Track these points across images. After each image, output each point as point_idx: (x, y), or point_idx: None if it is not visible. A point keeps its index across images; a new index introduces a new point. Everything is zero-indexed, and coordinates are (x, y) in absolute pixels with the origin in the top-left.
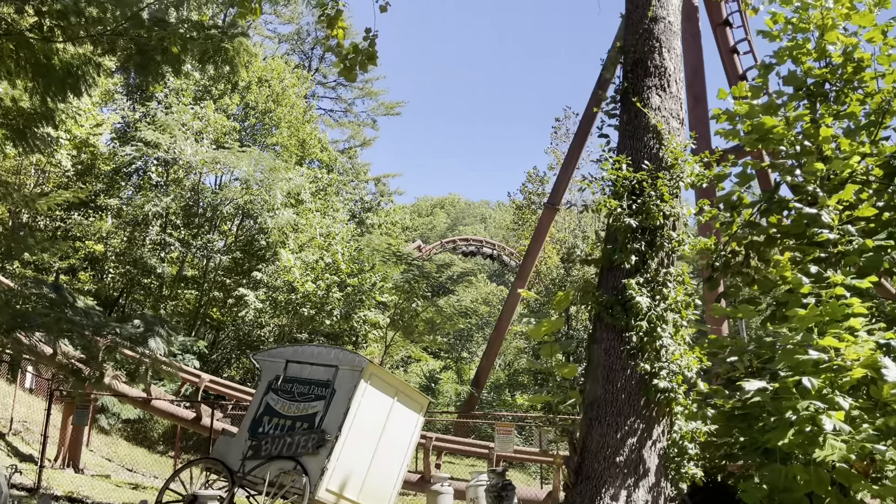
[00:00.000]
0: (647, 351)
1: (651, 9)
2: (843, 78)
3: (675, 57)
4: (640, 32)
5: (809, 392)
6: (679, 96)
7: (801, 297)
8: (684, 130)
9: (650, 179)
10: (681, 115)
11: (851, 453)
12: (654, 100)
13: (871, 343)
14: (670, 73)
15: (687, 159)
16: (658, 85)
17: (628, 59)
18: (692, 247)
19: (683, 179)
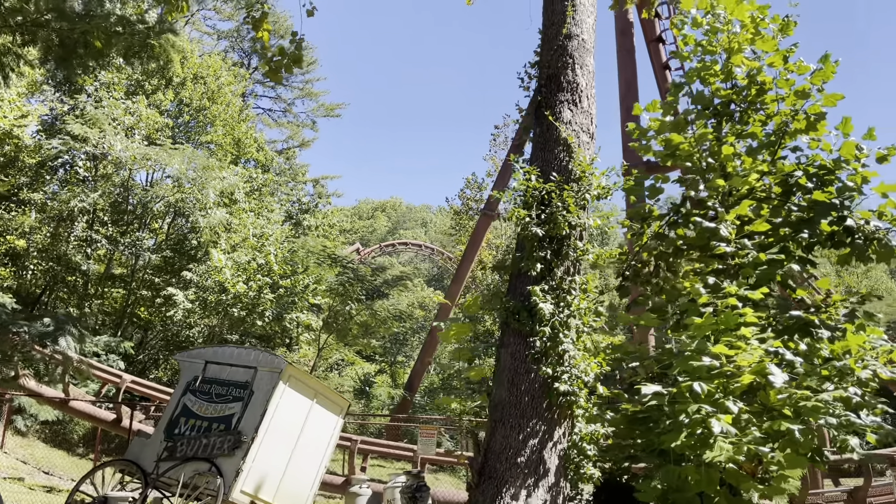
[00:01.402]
0: (550, 356)
1: (566, 26)
2: (747, 99)
3: (587, 74)
4: (555, 49)
5: (700, 396)
6: (590, 112)
7: (699, 307)
8: (594, 144)
9: (558, 191)
10: (591, 129)
11: (739, 455)
12: (566, 114)
13: (761, 351)
14: (582, 88)
15: (594, 172)
16: (570, 100)
17: (543, 73)
18: (596, 256)
19: (590, 192)
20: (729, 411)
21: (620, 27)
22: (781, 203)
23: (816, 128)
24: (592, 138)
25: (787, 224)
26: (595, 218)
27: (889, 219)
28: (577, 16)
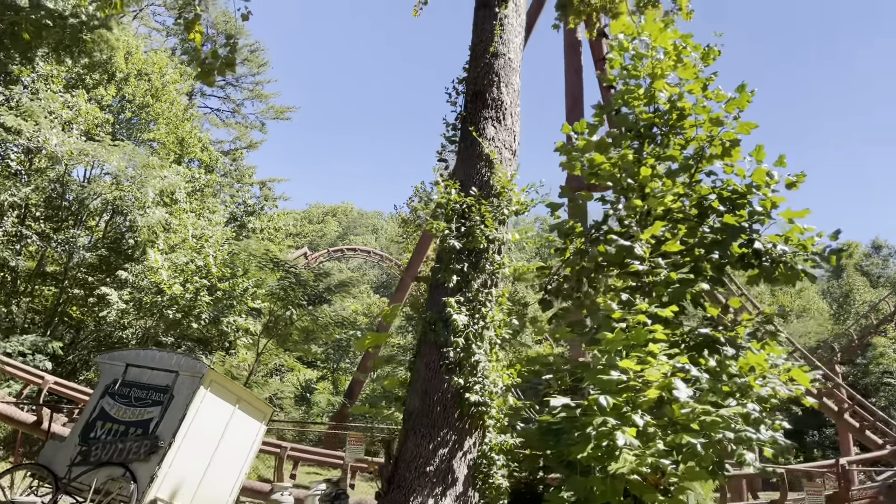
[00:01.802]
0: (464, 366)
1: (493, 45)
2: (668, 123)
3: (512, 92)
4: (482, 66)
5: (607, 409)
6: (514, 129)
7: (612, 322)
8: (516, 161)
9: (477, 205)
10: (514, 146)
11: (643, 466)
12: (490, 130)
13: (668, 366)
14: (507, 106)
15: (514, 188)
16: (494, 117)
17: (469, 90)
18: (513, 270)
19: (509, 207)
20: (634, 424)
21: (569, 44)
22: (697, 224)
23: (731, 154)
24: (515, 155)
25: (702, 245)
26: (514, 233)
27: (794, 243)
28: (504, 35)
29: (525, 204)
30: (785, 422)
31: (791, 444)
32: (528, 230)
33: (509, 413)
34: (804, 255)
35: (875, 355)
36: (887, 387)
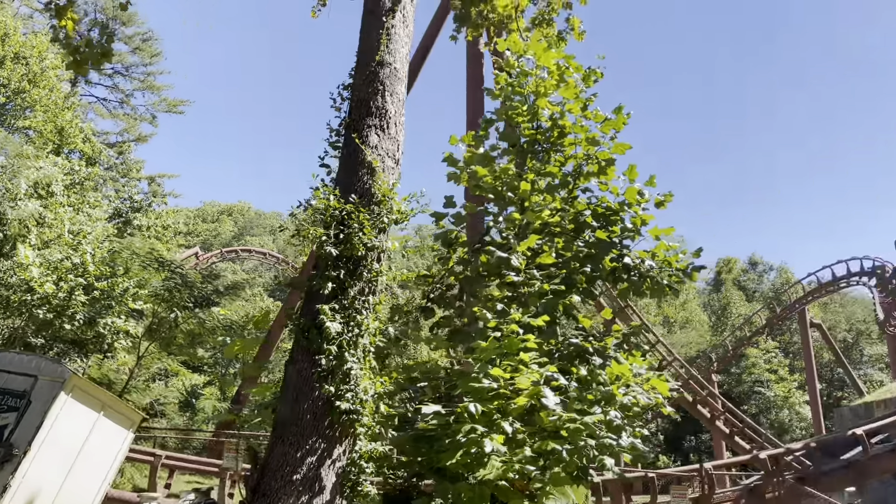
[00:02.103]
0: (336, 374)
1: (379, 54)
2: (550, 140)
3: (397, 101)
4: (367, 74)
5: (476, 417)
6: (397, 138)
7: (487, 331)
8: (399, 170)
9: (357, 212)
10: (397, 155)
11: (509, 473)
12: (373, 138)
13: (537, 375)
14: (391, 115)
15: (395, 197)
16: (378, 125)
17: (354, 97)
18: (390, 278)
19: (390, 216)
20: (503, 431)
21: (471, 55)
22: (573, 239)
23: (607, 172)
24: (398, 164)
25: (577, 258)
26: (394, 241)
27: (660, 259)
28: (391, 45)
29: (405, 213)
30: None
31: (647, 450)
32: (408, 239)
33: (381, 420)
34: (669, 270)
35: (748, 365)
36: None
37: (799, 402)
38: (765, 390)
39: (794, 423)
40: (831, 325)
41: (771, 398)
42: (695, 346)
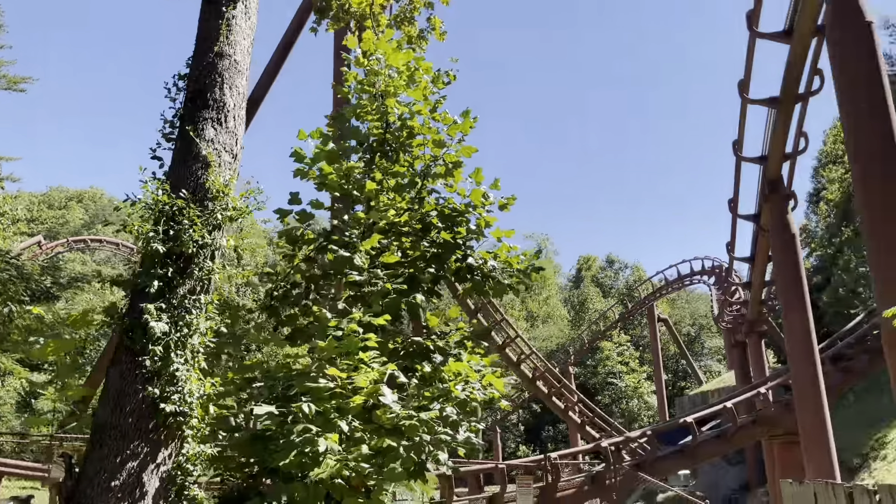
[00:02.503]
0: (162, 375)
1: (218, 45)
2: (399, 140)
3: (236, 95)
4: (205, 65)
5: (310, 416)
6: (236, 132)
7: (327, 330)
8: (237, 165)
9: (188, 208)
10: (235, 150)
11: (343, 471)
12: (209, 132)
13: (376, 373)
14: (229, 108)
15: (231, 193)
16: (215, 118)
17: (191, 87)
18: (224, 276)
19: (225, 212)
20: (340, 430)
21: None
22: (419, 239)
23: (454, 174)
24: (236, 158)
25: (423, 259)
26: (230, 239)
27: (503, 259)
28: (231, 36)
29: (241, 210)
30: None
31: (482, 444)
32: (246, 236)
33: (212, 422)
34: (510, 271)
35: (602, 358)
36: (611, 386)
37: (647, 392)
38: (617, 381)
39: (643, 412)
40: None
41: (622, 388)
42: (555, 340)
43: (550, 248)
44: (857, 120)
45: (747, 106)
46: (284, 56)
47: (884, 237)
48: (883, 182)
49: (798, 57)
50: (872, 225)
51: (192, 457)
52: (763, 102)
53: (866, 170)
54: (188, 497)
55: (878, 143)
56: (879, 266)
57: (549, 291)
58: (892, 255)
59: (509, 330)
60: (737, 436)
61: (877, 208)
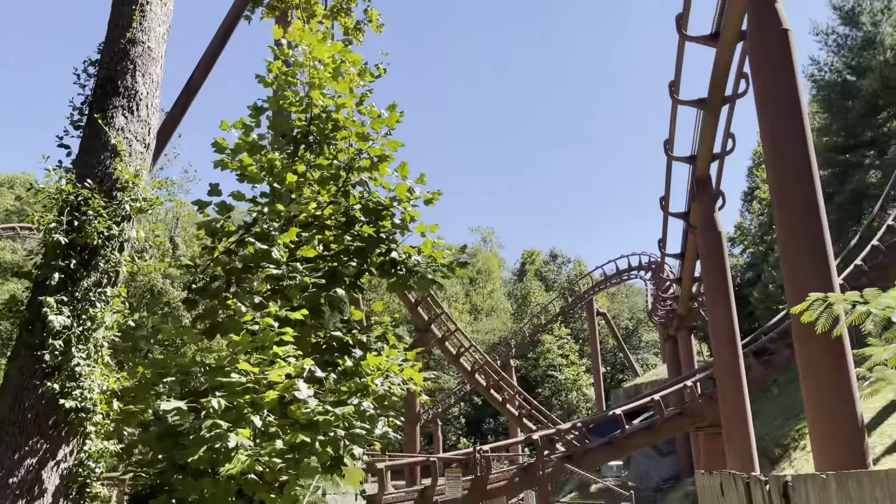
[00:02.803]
0: (62, 370)
1: (131, 31)
2: (324, 132)
3: (150, 83)
4: (116, 51)
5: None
6: (149, 122)
7: (241, 324)
8: (149, 155)
9: (94, 198)
10: (147, 139)
11: (255, 467)
12: (120, 120)
13: (290, 368)
14: (142, 97)
15: (141, 184)
16: (126, 107)
17: (101, 74)
18: (130, 268)
19: (134, 203)
20: (253, 425)
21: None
22: (342, 233)
23: (379, 168)
24: (147, 148)
25: (347, 253)
26: (140, 230)
27: (426, 254)
28: (145, 23)
29: (152, 201)
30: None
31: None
32: (158, 228)
33: (118, 419)
34: (435, 265)
35: (543, 351)
36: (551, 378)
37: (586, 385)
38: (557, 374)
39: (581, 404)
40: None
41: (562, 381)
42: (498, 333)
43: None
44: (772, 123)
45: (678, 107)
46: (223, 42)
47: (793, 236)
48: (794, 183)
49: (724, 60)
50: (783, 223)
51: (95, 454)
52: (691, 104)
53: (780, 172)
54: (90, 494)
55: (792, 146)
56: (789, 264)
57: (494, 285)
58: (800, 253)
59: (449, 323)
60: (664, 427)
61: (788, 209)
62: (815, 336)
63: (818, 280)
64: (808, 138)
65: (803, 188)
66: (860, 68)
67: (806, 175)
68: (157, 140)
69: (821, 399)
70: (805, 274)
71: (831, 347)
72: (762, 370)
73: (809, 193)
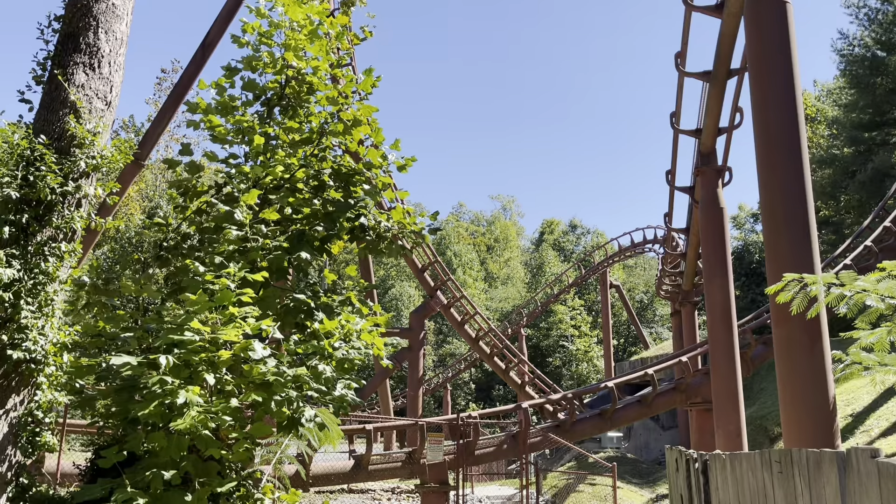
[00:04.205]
0: (11, 322)
1: None
2: (298, 95)
3: (113, 40)
4: (79, 7)
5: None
6: (111, 79)
7: (200, 283)
8: (111, 113)
9: (50, 154)
10: (109, 97)
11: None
12: (80, 77)
13: (246, 327)
14: (104, 54)
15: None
16: (88, 63)
17: (63, 29)
18: (85, 223)
19: (91, 160)
20: (205, 382)
21: None
22: (312, 196)
23: (352, 133)
24: (109, 106)
25: (316, 216)
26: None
27: (397, 220)
28: None
29: (110, 159)
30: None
31: (358, 400)
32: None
33: (71, 371)
34: (405, 231)
35: (555, 321)
36: (563, 349)
37: (597, 356)
38: (568, 344)
39: (592, 375)
40: (631, 286)
41: (573, 352)
42: (512, 301)
43: (515, 210)
44: (763, 96)
45: (684, 79)
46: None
47: (775, 216)
48: (781, 158)
49: (729, 31)
50: (766, 202)
51: (45, 405)
52: (697, 76)
53: (768, 145)
54: (39, 443)
55: (782, 121)
56: (771, 245)
57: (511, 253)
58: (778, 227)
59: (455, 290)
60: (656, 402)
61: (773, 187)
62: (792, 317)
63: (798, 262)
64: (799, 117)
65: (790, 165)
66: (890, 44)
67: (794, 153)
68: (172, 98)
69: (794, 380)
70: (785, 254)
71: (807, 329)
72: (762, 348)
73: (796, 172)
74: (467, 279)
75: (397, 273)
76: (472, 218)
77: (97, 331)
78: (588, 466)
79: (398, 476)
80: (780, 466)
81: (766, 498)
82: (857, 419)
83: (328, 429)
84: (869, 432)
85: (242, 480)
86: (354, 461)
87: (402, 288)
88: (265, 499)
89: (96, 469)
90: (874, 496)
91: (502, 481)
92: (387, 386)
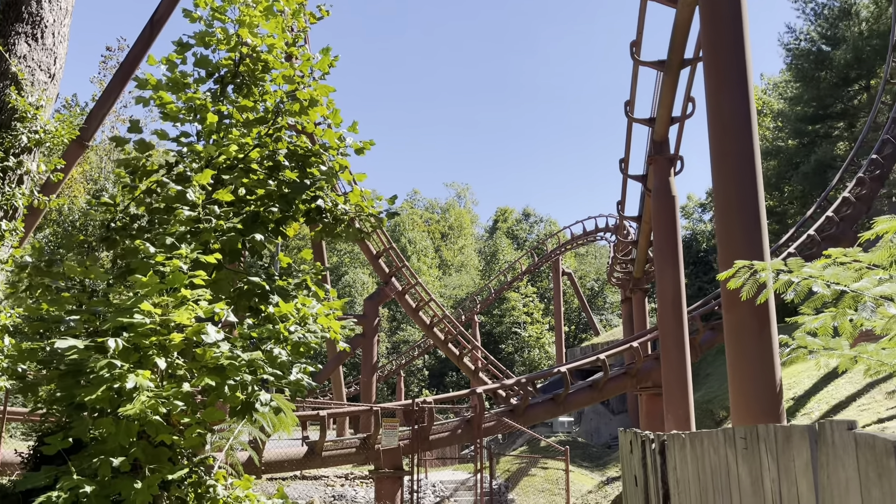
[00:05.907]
0: None
1: None
2: (253, 73)
3: (58, 10)
4: None
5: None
6: (55, 51)
7: (151, 265)
8: (55, 86)
9: None
10: (52, 69)
11: (156, 408)
12: (23, 47)
13: (199, 310)
14: (48, 24)
15: (43, 115)
16: (30, 34)
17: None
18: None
19: (32, 135)
20: (155, 367)
21: None
22: (266, 177)
23: (308, 113)
24: (52, 79)
25: (270, 197)
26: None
27: (354, 202)
28: None
29: (52, 133)
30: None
31: (314, 384)
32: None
33: (12, 354)
34: (363, 215)
35: (508, 308)
36: (515, 335)
37: (548, 343)
38: (521, 331)
39: (543, 361)
40: (583, 274)
41: (525, 338)
42: (466, 288)
43: (470, 198)
44: (717, 83)
45: (639, 68)
46: None
47: (727, 203)
48: (734, 145)
49: (683, 21)
50: (719, 189)
51: None
52: (651, 65)
53: (722, 132)
54: None
55: (735, 108)
56: (723, 231)
57: (465, 241)
58: (730, 214)
59: (410, 277)
60: (607, 386)
61: (726, 174)
62: (742, 303)
63: (750, 248)
64: (751, 105)
65: (742, 152)
66: (835, 38)
67: (746, 140)
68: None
69: (743, 364)
70: (737, 241)
71: (756, 314)
72: (710, 334)
73: (748, 159)
74: (422, 266)
75: (350, 260)
76: (426, 205)
77: (40, 313)
78: (540, 450)
79: (352, 462)
80: (746, 443)
81: (729, 474)
82: (798, 402)
83: (283, 413)
84: (810, 415)
85: (194, 467)
86: (308, 447)
87: (356, 275)
88: (217, 485)
89: (40, 457)
90: (850, 466)
91: (456, 466)
92: (340, 373)
